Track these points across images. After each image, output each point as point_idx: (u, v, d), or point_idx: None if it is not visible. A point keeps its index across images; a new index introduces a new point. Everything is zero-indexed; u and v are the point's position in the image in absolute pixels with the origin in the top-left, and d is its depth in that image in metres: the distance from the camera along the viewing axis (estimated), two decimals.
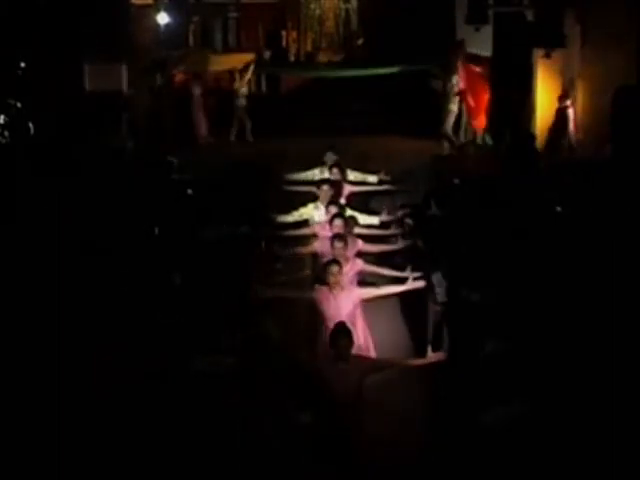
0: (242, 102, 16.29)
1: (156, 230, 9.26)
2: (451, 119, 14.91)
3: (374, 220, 8.82)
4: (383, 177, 10.02)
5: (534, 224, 8.91)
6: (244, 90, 16.44)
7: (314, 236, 8.07)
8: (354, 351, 5.88)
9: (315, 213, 8.52)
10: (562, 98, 13.84)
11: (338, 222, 7.62)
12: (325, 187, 8.62)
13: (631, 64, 13.06)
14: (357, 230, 8.24)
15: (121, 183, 10.73)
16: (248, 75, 16.61)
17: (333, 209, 8.10)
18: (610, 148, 12.49)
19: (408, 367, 6.33)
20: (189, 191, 10.54)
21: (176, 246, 8.66)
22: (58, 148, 12.03)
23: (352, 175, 9.83)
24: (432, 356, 6.39)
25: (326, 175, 9.41)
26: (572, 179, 11.05)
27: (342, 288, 6.70)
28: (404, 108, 15.93)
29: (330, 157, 9.88)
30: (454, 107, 14.88)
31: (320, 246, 7.79)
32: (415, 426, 6.66)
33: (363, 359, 6.17)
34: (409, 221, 8.71)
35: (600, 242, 8.40)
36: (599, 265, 7.79)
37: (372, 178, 10.01)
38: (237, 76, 16.43)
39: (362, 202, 9.78)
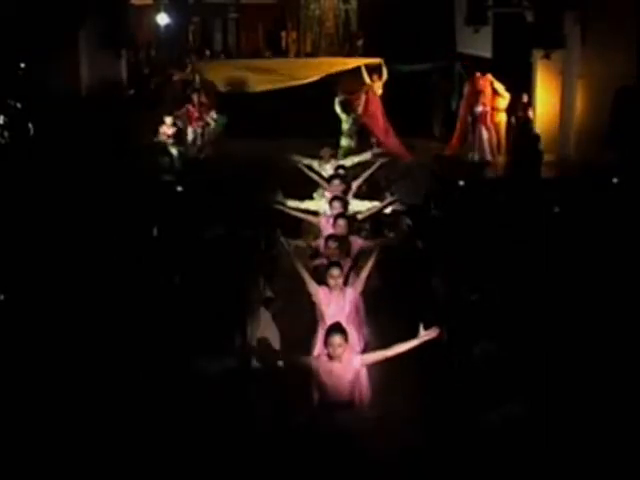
0: None
1: (155, 230, 9.27)
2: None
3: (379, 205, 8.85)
4: (376, 151, 10.16)
5: (533, 224, 8.92)
6: (379, 93, 15.90)
7: (318, 230, 8.14)
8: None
9: (326, 207, 8.54)
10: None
11: (341, 222, 7.65)
12: (336, 182, 8.68)
13: (631, 64, 13.07)
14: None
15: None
16: (384, 78, 15.80)
17: (337, 205, 8.12)
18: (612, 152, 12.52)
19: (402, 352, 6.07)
20: (179, 188, 10.58)
21: (174, 246, 8.66)
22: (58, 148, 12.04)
23: (349, 161, 9.92)
24: (425, 334, 5.77)
25: (327, 168, 9.51)
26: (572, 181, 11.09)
27: (341, 289, 6.71)
28: (403, 108, 15.91)
29: (326, 151, 9.97)
30: (346, 144, 14.47)
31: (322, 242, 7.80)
32: (413, 423, 6.65)
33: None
34: (408, 221, 8.73)
35: (599, 243, 8.40)
36: (597, 265, 7.80)
37: (367, 155, 10.13)
38: (367, 78, 15.72)
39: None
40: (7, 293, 7.50)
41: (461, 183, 11.00)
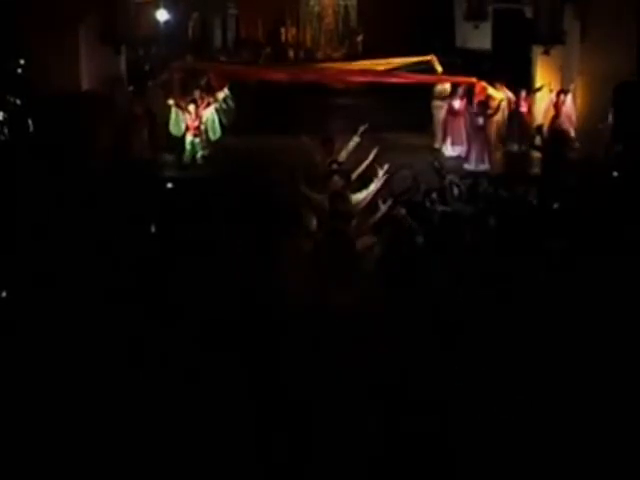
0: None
1: (153, 228, 9.28)
2: None
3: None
4: (362, 129, 10.25)
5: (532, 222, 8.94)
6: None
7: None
8: None
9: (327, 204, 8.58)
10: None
11: None
12: (335, 178, 8.72)
13: (631, 60, 13.08)
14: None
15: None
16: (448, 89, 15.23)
17: (337, 201, 8.16)
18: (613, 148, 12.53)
19: None
20: (169, 185, 10.63)
21: (171, 243, 8.67)
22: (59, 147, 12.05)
23: (342, 155, 9.98)
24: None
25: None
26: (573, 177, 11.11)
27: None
28: (404, 105, 15.88)
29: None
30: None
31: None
32: None
33: None
34: (409, 220, 8.72)
35: (599, 240, 8.43)
36: (597, 262, 7.82)
37: (355, 140, 10.18)
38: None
39: None
40: (6, 290, 7.53)
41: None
